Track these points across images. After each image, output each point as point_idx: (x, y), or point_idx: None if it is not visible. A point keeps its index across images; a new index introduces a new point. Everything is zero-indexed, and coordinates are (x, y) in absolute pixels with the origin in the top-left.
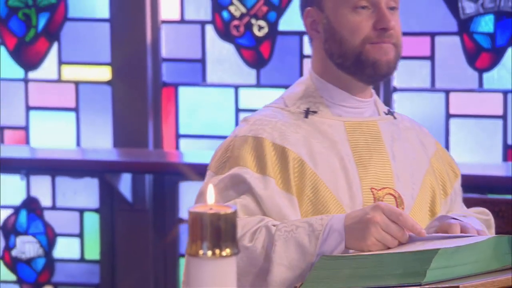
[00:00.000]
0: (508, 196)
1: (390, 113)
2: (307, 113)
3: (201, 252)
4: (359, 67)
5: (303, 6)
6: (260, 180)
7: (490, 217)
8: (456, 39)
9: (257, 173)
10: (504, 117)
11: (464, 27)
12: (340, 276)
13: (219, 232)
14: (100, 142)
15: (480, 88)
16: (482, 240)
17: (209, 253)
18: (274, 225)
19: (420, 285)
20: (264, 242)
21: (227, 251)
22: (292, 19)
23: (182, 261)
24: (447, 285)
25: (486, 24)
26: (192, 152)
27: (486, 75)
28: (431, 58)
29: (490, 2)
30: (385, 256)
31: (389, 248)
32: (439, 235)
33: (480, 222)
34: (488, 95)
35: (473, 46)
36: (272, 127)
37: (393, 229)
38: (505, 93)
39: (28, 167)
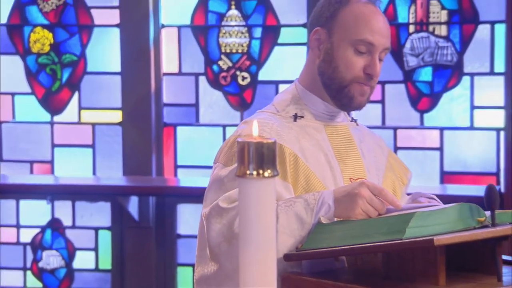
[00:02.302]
0: None
1: (353, 120)
2: (295, 117)
3: (247, 172)
4: (338, 95)
5: (314, 24)
6: None
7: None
8: (402, 86)
9: None
10: (441, 149)
11: (408, 76)
12: (334, 237)
13: (262, 157)
14: (112, 172)
15: (421, 126)
16: (449, 206)
17: (254, 173)
18: None
19: (401, 239)
20: None
21: (268, 172)
22: (269, 71)
23: (180, 270)
24: (423, 239)
25: (426, 74)
26: (188, 179)
27: (426, 115)
28: (382, 101)
29: (429, 57)
30: (372, 220)
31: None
32: (411, 206)
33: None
34: (428, 131)
35: (415, 92)
36: (270, 128)
37: (375, 202)
38: (441, 129)
39: (53, 193)
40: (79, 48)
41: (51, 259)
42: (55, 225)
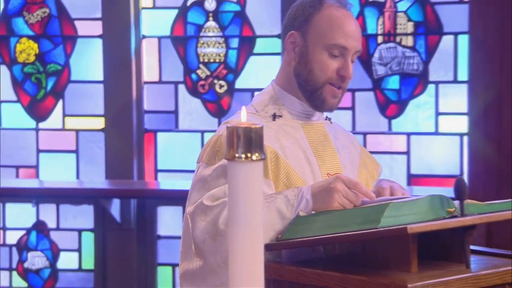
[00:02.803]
0: None
1: (328, 119)
2: (274, 116)
3: (236, 155)
4: (312, 96)
5: (288, 27)
6: None
7: None
8: (371, 94)
9: None
10: (407, 153)
11: (377, 84)
12: (313, 228)
13: (250, 141)
14: (95, 176)
15: (389, 131)
16: (420, 197)
17: (243, 156)
18: None
19: (376, 228)
20: None
21: (256, 155)
22: (245, 80)
23: (160, 269)
24: (397, 227)
25: (393, 82)
26: (167, 182)
27: (394, 121)
28: (352, 108)
29: (396, 66)
30: (348, 211)
31: None
32: (385, 198)
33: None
34: (396, 137)
35: (383, 99)
36: None
37: (351, 196)
38: (408, 135)
39: (38, 197)
40: (63, 58)
41: (36, 260)
42: (40, 227)
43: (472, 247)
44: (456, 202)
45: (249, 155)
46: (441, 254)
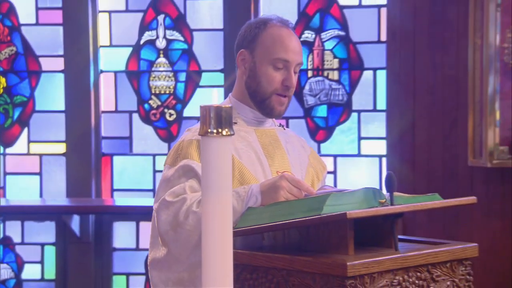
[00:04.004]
0: None
1: (281, 126)
2: None
3: (209, 131)
4: (261, 105)
5: (239, 46)
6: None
7: None
8: (302, 121)
9: (200, 163)
10: (334, 172)
11: (307, 113)
12: (262, 217)
13: (221, 118)
14: (57, 195)
15: (319, 154)
16: (356, 190)
17: (214, 131)
18: None
19: (319, 215)
20: None
21: (226, 131)
22: (192, 109)
23: (115, 278)
24: (338, 213)
25: (322, 111)
26: (122, 199)
27: (322, 145)
28: None
29: (324, 97)
30: (294, 201)
31: None
32: (325, 191)
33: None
34: (324, 158)
35: (313, 125)
36: None
37: (294, 191)
38: (335, 156)
39: (4, 214)
40: (28, 90)
41: (2, 272)
42: (6, 241)
43: (400, 236)
44: (387, 194)
45: (220, 130)
46: (373, 241)
